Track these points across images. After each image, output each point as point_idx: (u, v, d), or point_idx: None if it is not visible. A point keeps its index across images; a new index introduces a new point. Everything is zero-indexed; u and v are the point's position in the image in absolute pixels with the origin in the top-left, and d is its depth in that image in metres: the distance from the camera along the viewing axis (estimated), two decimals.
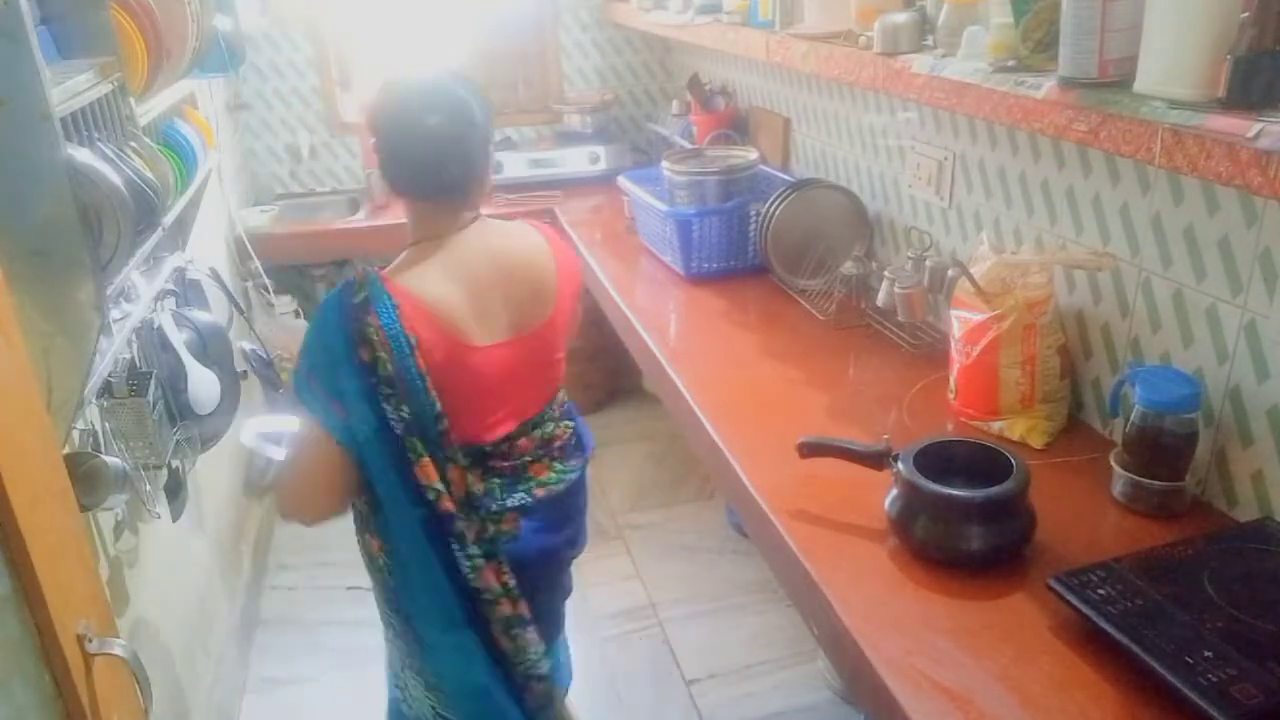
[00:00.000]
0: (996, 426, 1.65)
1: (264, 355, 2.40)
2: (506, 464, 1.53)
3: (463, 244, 1.46)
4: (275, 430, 1.67)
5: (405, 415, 1.37)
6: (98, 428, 1.59)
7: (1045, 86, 1.28)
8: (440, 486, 1.41)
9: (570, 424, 1.66)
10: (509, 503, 1.52)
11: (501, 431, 1.51)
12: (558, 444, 1.61)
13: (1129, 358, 1.58)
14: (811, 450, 1.53)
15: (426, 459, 1.40)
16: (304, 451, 1.44)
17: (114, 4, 1.60)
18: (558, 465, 1.60)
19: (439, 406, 1.39)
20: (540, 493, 1.55)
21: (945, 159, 2.02)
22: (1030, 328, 1.60)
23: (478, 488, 1.48)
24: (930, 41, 1.67)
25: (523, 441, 1.54)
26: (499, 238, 1.51)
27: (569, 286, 1.56)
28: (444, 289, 1.41)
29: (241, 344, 2.13)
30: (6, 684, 0.89)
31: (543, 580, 1.63)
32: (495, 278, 1.46)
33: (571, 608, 2.30)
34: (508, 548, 1.51)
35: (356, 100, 3.81)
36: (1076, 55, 1.21)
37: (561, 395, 1.65)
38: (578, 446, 1.67)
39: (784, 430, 1.66)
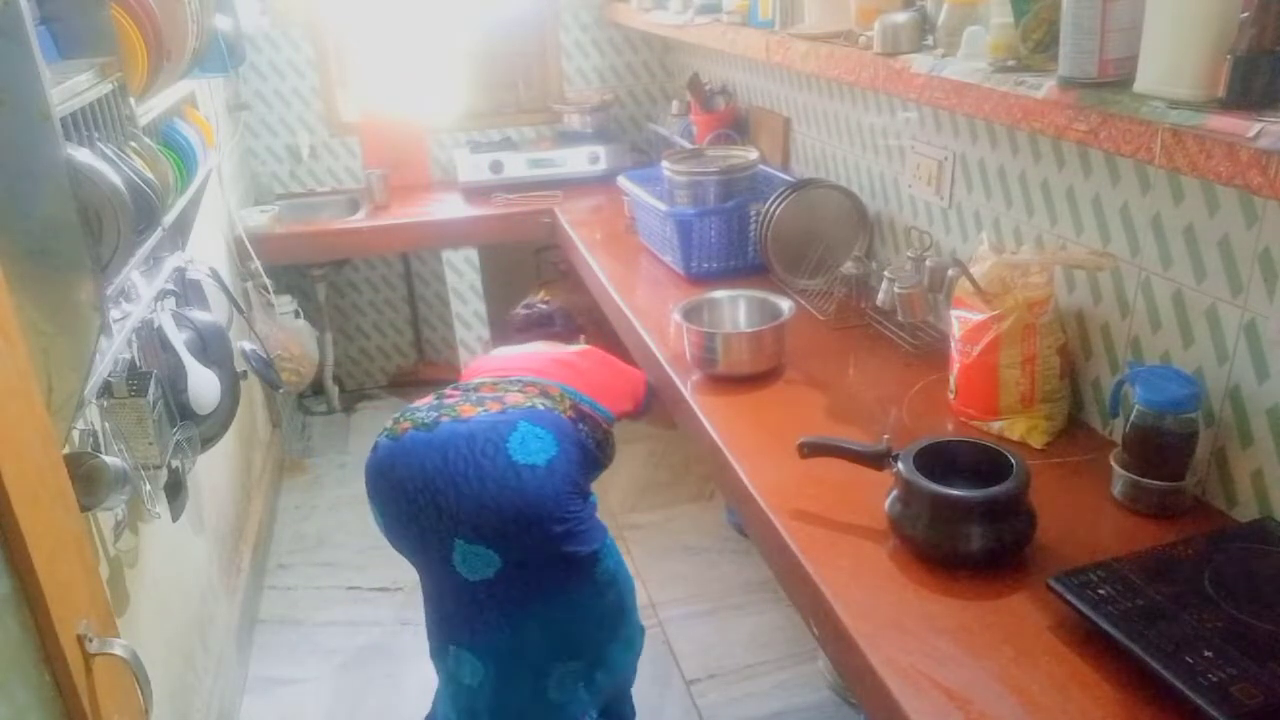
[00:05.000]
0: (996, 426, 1.65)
1: (264, 355, 2.40)
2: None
3: None
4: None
5: None
6: (98, 428, 1.59)
7: (1045, 86, 1.28)
8: None
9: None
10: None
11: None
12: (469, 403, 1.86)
13: (1129, 358, 1.58)
14: (812, 450, 1.53)
15: None
16: None
17: (114, 4, 1.60)
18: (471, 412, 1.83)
19: None
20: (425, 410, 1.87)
21: (945, 159, 2.02)
22: (1030, 328, 1.60)
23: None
24: (930, 41, 1.67)
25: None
26: None
27: None
28: None
29: (241, 344, 2.13)
30: (6, 684, 0.89)
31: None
32: None
33: None
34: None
35: (356, 100, 3.81)
36: (1076, 55, 1.21)
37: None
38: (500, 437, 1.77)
39: (784, 430, 1.66)
